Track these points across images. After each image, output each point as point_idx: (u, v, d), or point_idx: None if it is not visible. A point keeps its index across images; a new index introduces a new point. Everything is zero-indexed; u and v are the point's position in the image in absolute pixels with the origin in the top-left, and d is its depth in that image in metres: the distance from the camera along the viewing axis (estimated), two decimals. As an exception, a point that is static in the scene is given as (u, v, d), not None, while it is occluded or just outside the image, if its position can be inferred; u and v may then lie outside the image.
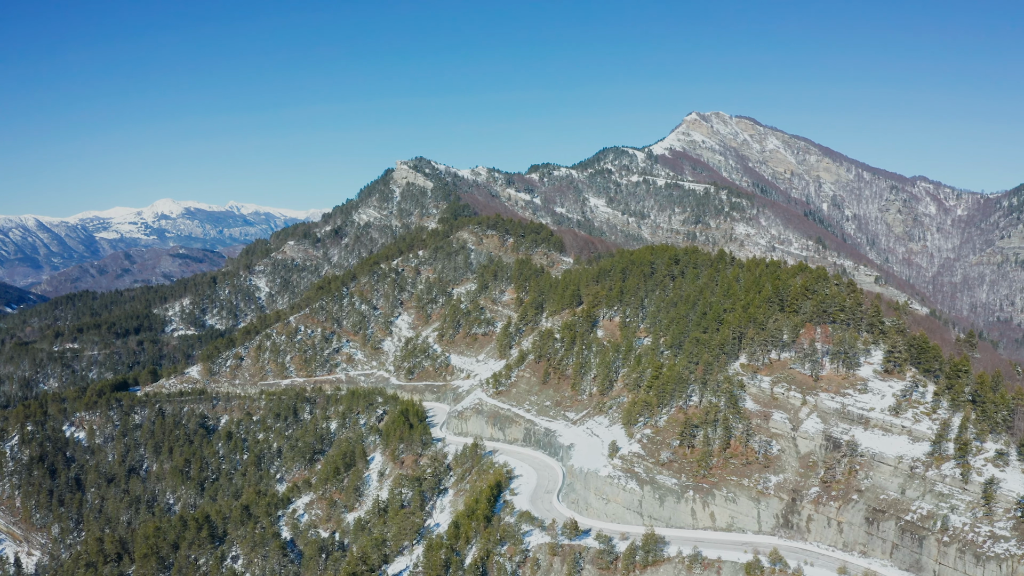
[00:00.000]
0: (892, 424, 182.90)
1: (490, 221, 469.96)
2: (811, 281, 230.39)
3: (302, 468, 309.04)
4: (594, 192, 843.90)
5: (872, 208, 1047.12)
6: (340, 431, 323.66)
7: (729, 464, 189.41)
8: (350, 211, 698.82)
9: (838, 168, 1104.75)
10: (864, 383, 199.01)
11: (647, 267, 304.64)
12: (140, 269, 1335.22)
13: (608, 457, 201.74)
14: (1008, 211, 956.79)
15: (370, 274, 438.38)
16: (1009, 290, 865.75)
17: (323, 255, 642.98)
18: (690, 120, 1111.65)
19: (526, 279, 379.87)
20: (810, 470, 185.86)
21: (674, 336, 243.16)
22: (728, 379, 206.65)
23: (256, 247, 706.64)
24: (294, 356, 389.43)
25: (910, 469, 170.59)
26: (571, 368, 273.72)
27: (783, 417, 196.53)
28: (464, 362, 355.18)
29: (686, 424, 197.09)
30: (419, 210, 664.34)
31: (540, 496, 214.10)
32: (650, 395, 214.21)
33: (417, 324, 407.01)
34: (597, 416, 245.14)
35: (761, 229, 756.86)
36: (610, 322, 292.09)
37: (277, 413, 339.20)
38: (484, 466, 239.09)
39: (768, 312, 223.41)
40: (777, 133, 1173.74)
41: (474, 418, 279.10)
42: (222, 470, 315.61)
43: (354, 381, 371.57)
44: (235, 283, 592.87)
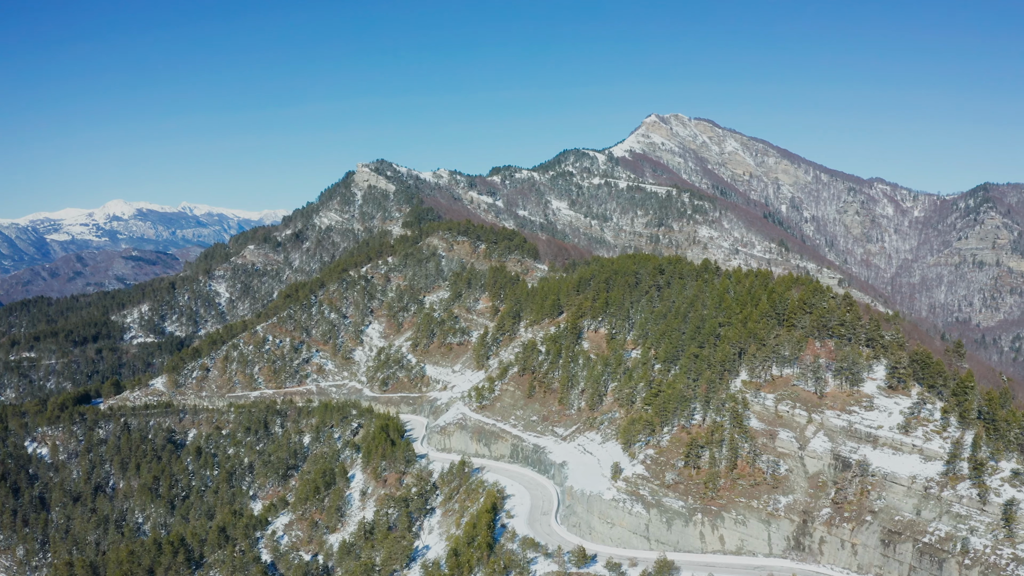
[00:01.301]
0: (902, 443, 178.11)
1: (461, 227, 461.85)
2: (808, 295, 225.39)
3: (276, 484, 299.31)
4: (556, 194, 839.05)
5: (830, 210, 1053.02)
6: (314, 446, 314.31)
7: (737, 485, 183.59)
8: (311, 214, 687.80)
9: (796, 170, 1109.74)
10: (870, 400, 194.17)
11: (631, 277, 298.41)
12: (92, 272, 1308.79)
13: (611, 479, 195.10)
14: (965, 212, 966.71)
15: (339, 281, 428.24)
16: (967, 291, 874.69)
17: (284, 259, 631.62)
18: (649, 122, 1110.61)
19: (501, 287, 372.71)
20: (820, 490, 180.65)
21: (667, 350, 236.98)
22: (732, 397, 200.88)
23: (215, 251, 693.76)
24: (262, 367, 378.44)
25: (924, 489, 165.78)
26: (557, 382, 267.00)
27: (790, 436, 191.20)
28: (440, 372, 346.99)
29: (691, 444, 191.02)
30: (382, 213, 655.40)
31: (537, 518, 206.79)
32: (649, 413, 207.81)
33: (389, 333, 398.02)
34: (588, 432, 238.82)
35: (724, 232, 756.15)
36: (595, 333, 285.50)
37: (247, 427, 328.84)
38: (472, 485, 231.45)
39: (767, 327, 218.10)
40: (736, 135, 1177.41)
41: (458, 433, 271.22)
42: (192, 487, 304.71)
43: (325, 392, 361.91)
44: (194, 289, 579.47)
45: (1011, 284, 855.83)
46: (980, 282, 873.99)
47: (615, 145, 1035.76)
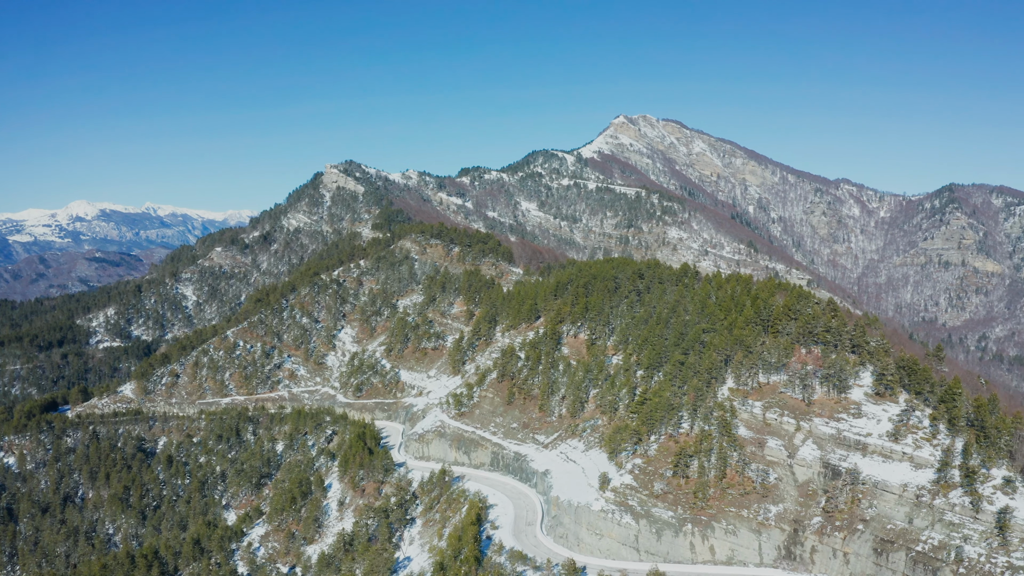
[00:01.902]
0: (892, 450, 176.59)
1: (434, 230, 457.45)
2: (793, 301, 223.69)
3: (249, 493, 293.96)
4: (525, 196, 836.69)
5: (797, 210, 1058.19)
6: (288, 453, 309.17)
7: (727, 495, 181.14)
8: (279, 216, 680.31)
9: (763, 171, 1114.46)
10: (857, 407, 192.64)
11: (611, 281, 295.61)
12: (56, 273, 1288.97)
13: (599, 490, 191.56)
14: (931, 213, 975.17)
15: (310, 285, 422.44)
16: (933, 291, 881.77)
17: (252, 262, 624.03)
18: (618, 123, 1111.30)
19: (476, 291, 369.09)
20: (810, 499, 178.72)
21: (650, 357, 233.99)
22: (720, 405, 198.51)
23: (181, 253, 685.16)
24: (233, 373, 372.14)
25: (916, 498, 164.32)
26: (538, 388, 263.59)
27: (778, 444, 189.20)
28: (415, 378, 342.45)
29: (680, 453, 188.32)
30: (351, 215, 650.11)
31: (522, 529, 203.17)
32: (636, 422, 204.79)
33: (361, 338, 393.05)
34: (570, 439, 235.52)
35: (693, 233, 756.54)
36: (575, 339, 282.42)
37: (219, 434, 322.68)
38: (453, 494, 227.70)
39: (753, 333, 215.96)
40: (703, 136, 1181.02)
41: (436, 441, 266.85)
42: (164, 497, 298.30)
43: (298, 398, 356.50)
44: (161, 292, 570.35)
45: (977, 284, 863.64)
46: (946, 282, 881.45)
47: (584, 146, 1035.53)
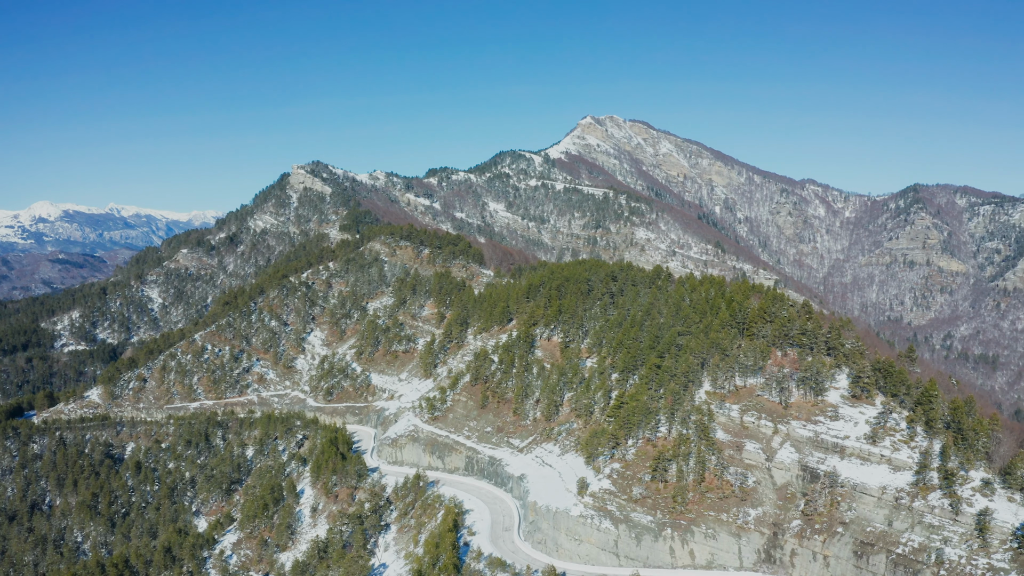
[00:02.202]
0: (870, 453, 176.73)
1: (403, 231, 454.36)
2: (768, 303, 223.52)
3: (219, 500, 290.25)
4: (493, 196, 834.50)
5: (763, 211, 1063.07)
6: (258, 458, 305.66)
7: (706, 499, 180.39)
8: (245, 217, 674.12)
9: (730, 171, 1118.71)
10: (835, 410, 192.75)
11: (584, 284, 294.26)
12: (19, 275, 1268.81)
13: (578, 495, 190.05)
14: (895, 213, 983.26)
15: (279, 288, 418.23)
16: (898, 290, 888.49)
17: (218, 264, 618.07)
18: (585, 124, 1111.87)
19: (447, 293, 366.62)
20: (789, 502, 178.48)
21: (625, 360, 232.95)
22: (697, 409, 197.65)
23: (147, 255, 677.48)
24: (202, 377, 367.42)
25: (895, 500, 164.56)
26: (511, 391, 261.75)
27: (756, 447, 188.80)
28: (386, 381, 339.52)
29: (658, 457, 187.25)
30: (318, 216, 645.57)
31: (499, 535, 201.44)
32: (613, 426, 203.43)
33: (331, 340, 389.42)
34: (545, 443, 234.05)
35: (661, 234, 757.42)
36: (548, 342, 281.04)
37: (188, 440, 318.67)
38: (428, 500, 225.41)
39: (728, 336, 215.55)
40: (670, 137, 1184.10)
41: (410, 446, 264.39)
42: (133, 504, 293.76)
43: (267, 403, 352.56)
44: (126, 294, 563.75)
45: (941, 283, 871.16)
46: (911, 281, 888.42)
47: (551, 147, 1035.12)
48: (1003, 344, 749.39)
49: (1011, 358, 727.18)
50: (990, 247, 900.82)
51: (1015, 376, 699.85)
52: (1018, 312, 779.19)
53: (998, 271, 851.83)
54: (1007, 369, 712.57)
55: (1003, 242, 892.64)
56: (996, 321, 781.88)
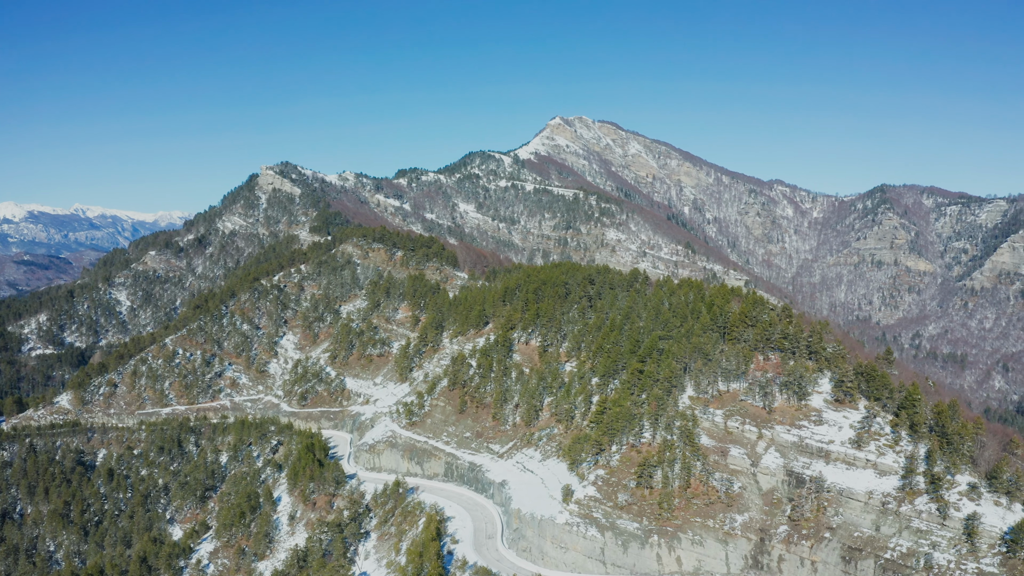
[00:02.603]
0: (855, 458, 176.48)
1: (375, 233, 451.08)
2: (749, 307, 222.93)
3: (194, 507, 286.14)
4: (463, 197, 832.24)
5: (732, 211, 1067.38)
6: (232, 465, 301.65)
7: (692, 505, 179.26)
8: (213, 219, 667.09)
9: (698, 172, 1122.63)
10: (818, 414, 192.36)
11: (561, 287, 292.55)
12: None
13: (562, 502, 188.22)
14: (863, 213, 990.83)
15: (250, 291, 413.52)
16: (866, 289, 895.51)
17: (187, 266, 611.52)
18: (554, 124, 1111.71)
19: (421, 296, 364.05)
20: (775, 507, 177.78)
21: (606, 365, 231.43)
22: (681, 414, 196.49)
23: (114, 257, 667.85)
24: (173, 382, 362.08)
25: (882, 505, 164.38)
26: (490, 396, 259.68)
27: (741, 452, 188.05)
28: (361, 386, 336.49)
29: (643, 464, 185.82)
30: (287, 217, 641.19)
31: (483, 542, 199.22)
32: (596, 432, 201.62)
33: (304, 344, 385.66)
34: (526, 449, 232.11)
35: (631, 234, 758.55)
36: (526, 346, 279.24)
37: (160, 446, 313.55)
38: (408, 507, 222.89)
39: (710, 341, 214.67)
40: (639, 138, 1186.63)
41: (388, 452, 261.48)
42: (105, 512, 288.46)
43: (240, 407, 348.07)
44: (94, 297, 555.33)
45: (909, 283, 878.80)
46: (879, 281, 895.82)
47: (520, 147, 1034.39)
48: (971, 343, 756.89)
49: (979, 357, 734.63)
50: (957, 247, 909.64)
51: (983, 375, 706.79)
52: (985, 311, 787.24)
53: (965, 271, 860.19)
54: (975, 368, 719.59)
55: (970, 242, 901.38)
56: (964, 320, 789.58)
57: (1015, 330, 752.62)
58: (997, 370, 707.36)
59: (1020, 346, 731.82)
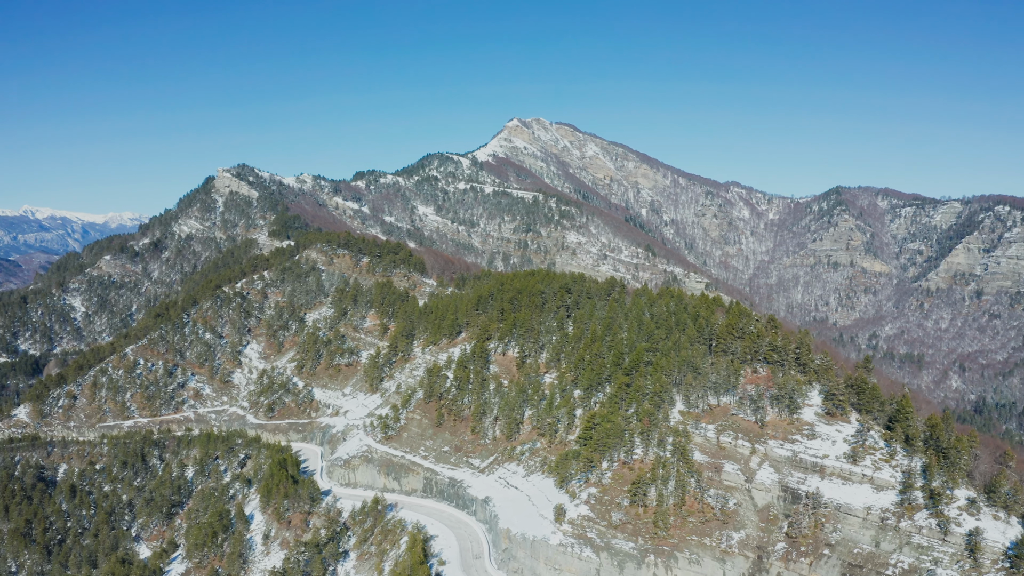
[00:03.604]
0: (851, 472, 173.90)
1: (340, 239, 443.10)
2: (735, 319, 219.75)
3: (160, 524, 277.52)
4: (422, 200, 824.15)
5: (689, 213, 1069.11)
6: (199, 479, 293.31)
7: (687, 523, 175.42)
8: (169, 222, 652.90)
9: (655, 174, 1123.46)
10: (811, 428, 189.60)
11: (538, 297, 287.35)
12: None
13: (555, 521, 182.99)
14: (819, 215, 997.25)
15: (212, 298, 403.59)
16: (823, 290, 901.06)
17: (142, 270, 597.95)
18: (512, 126, 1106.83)
19: (390, 304, 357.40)
20: (772, 524, 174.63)
21: (590, 377, 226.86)
22: (674, 430, 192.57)
23: (68, 261, 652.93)
24: (135, 393, 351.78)
25: (881, 520, 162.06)
26: (468, 409, 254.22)
27: (735, 468, 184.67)
28: (329, 396, 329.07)
29: (637, 481, 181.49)
30: (245, 221, 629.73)
31: (470, 563, 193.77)
32: (587, 448, 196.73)
33: (269, 353, 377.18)
34: (508, 464, 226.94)
35: (591, 237, 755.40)
36: (503, 356, 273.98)
37: (124, 460, 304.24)
38: (388, 525, 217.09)
39: (699, 354, 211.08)
40: (596, 139, 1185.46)
41: (363, 467, 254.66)
42: (69, 529, 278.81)
43: (204, 419, 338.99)
44: (48, 303, 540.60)
45: (865, 284, 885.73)
46: (835, 282, 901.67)
47: (478, 149, 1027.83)
48: (927, 343, 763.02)
49: (935, 357, 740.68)
50: (912, 248, 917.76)
51: (940, 375, 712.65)
52: (941, 312, 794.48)
53: (920, 271, 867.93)
54: (932, 368, 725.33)
55: (925, 243, 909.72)
56: (920, 321, 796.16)
57: (971, 330, 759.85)
58: (954, 370, 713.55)
59: (976, 346, 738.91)
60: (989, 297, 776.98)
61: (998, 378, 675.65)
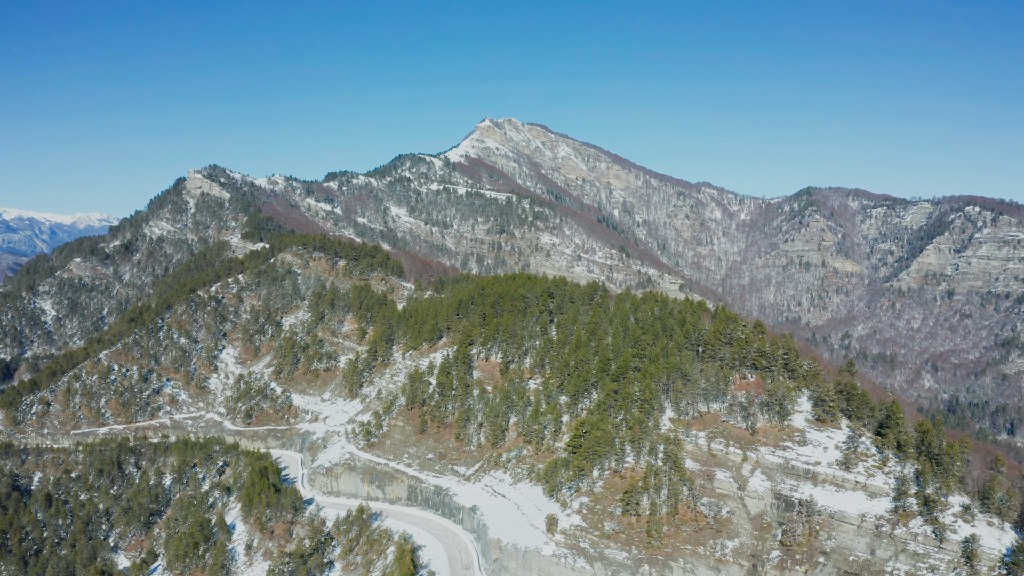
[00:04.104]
0: (844, 479, 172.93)
1: (316, 242, 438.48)
2: (723, 325, 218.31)
3: (138, 533, 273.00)
4: (395, 201, 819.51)
5: (661, 213, 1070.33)
6: (176, 487, 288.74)
7: (681, 531, 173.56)
8: (140, 224, 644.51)
9: (627, 175, 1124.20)
10: (802, 434, 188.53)
11: (520, 301, 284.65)
12: None
13: (547, 532, 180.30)
14: (790, 216, 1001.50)
15: (187, 302, 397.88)
16: (795, 291, 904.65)
17: (113, 273, 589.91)
18: (484, 127, 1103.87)
19: (368, 308, 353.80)
20: (765, 532, 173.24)
21: (576, 384, 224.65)
22: (665, 437, 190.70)
23: (37, 264, 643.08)
24: (110, 399, 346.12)
25: (876, 528, 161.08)
26: (452, 416, 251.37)
27: (727, 476, 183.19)
28: (308, 402, 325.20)
29: (630, 490, 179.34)
30: (217, 223, 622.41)
31: (460, 573, 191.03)
32: (578, 457, 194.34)
33: (245, 358, 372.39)
34: (494, 471, 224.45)
35: (566, 239, 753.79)
36: (486, 362, 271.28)
37: (100, 468, 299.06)
38: (374, 534, 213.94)
39: (688, 360, 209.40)
40: (568, 140, 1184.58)
41: (346, 475, 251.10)
42: (45, 539, 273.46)
43: (181, 426, 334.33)
44: (17, 306, 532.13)
45: (837, 284, 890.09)
46: (807, 282, 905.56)
47: (450, 150, 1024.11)
48: (899, 343, 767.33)
49: (908, 357, 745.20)
50: (883, 248, 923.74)
51: (913, 374, 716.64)
52: (913, 312, 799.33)
53: (892, 272, 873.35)
54: (905, 368, 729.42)
55: (895, 243, 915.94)
56: (892, 321, 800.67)
57: (942, 330, 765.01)
58: (926, 369, 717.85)
59: (948, 346, 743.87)
60: (960, 297, 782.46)
61: (970, 377, 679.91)
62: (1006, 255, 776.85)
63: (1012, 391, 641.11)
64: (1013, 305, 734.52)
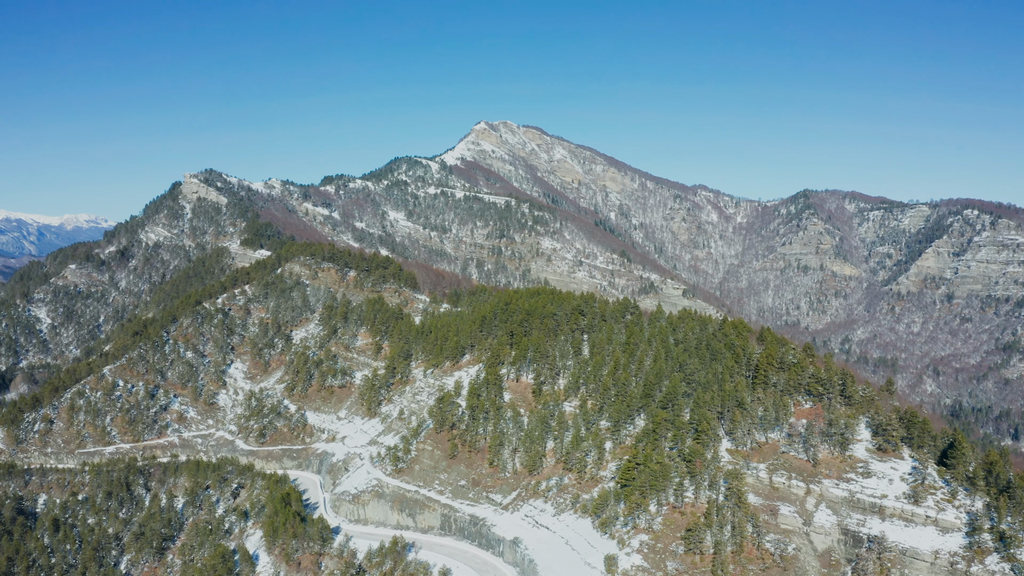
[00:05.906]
0: (914, 514, 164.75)
1: (325, 252, 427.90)
2: (774, 348, 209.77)
3: (151, 560, 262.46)
4: (392, 205, 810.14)
5: (657, 216, 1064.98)
6: (189, 511, 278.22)
7: (748, 571, 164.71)
8: (135, 229, 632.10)
9: (623, 178, 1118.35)
10: (865, 465, 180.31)
11: (550, 319, 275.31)
12: None
13: (607, 573, 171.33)
14: (787, 218, 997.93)
15: (193, 315, 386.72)
16: (794, 294, 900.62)
17: (109, 280, 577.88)
18: (479, 129, 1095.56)
19: (383, 322, 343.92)
20: (834, 569, 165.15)
21: (619, 409, 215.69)
22: (726, 471, 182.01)
23: (31, 270, 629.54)
24: (115, 417, 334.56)
25: (950, 565, 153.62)
26: (484, 440, 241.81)
27: (791, 511, 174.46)
28: (324, 420, 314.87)
29: (691, 527, 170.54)
30: (214, 228, 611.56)
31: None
32: (629, 491, 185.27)
33: (255, 373, 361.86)
34: (533, 500, 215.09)
35: (566, 243, 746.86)
36: (517, 383, 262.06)
37: (108, 491, 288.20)
38: (410, 567, 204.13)
39: (742, 386, 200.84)
40: (563, 143, 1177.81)
41: (374, 502, 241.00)
42: (54, 566, 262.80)
43: (190, 444, 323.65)
44: (12, 314, 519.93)
45: (835, 287, 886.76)
46: (806, 286, 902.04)
47: (446, 152, 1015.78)
48: (900, 347, 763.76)
49: (909, 360, 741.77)
50: (881, 251, 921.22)
51: (915, 379, 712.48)
52: (913, 315, 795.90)
53: (891, 275, 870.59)
54: (906, 372, 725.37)
55: (894, 246, 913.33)
56: (892, 324, 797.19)
57: (943, 334, 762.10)
58: (928, 373, 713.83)
59: (949, 350, 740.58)
60: (960, 300, 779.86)
61: (972, 382, 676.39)
62: (1005, 258, 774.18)
63: (1014, 396, 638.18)
64: (1013, 309, 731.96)
